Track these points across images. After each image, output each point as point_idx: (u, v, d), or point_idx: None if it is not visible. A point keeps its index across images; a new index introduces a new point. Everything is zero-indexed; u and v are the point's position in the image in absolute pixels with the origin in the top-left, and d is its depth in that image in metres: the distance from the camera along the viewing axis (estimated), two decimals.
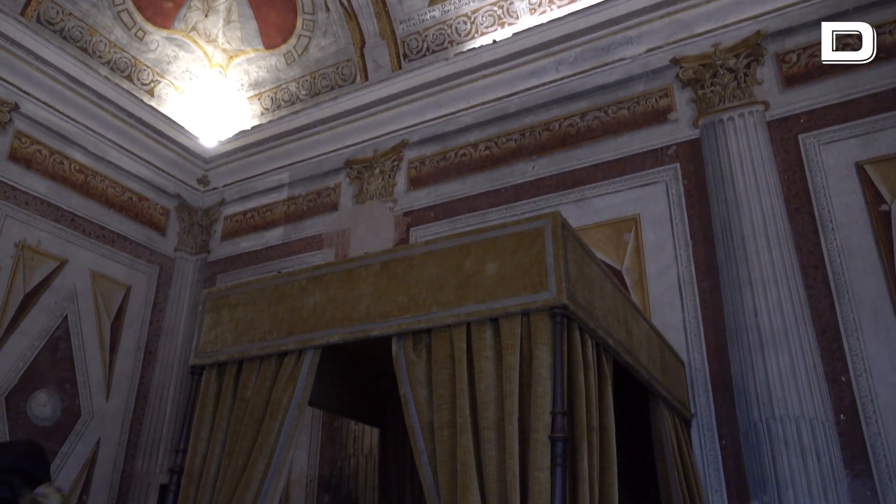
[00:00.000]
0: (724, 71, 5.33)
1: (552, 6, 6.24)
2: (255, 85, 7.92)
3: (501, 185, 6.07)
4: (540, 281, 2.41)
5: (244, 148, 7.72)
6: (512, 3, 6.45)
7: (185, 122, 7.68)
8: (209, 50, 7.80)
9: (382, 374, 4.09)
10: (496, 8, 6.53)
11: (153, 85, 7.53)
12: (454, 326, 2.53)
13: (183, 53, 7.65)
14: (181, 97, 7.74)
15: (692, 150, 5.36)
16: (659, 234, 5.23)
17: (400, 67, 6.94)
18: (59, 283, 6.44)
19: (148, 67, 7.47)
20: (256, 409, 2.87)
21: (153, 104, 7.42)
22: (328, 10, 7.28)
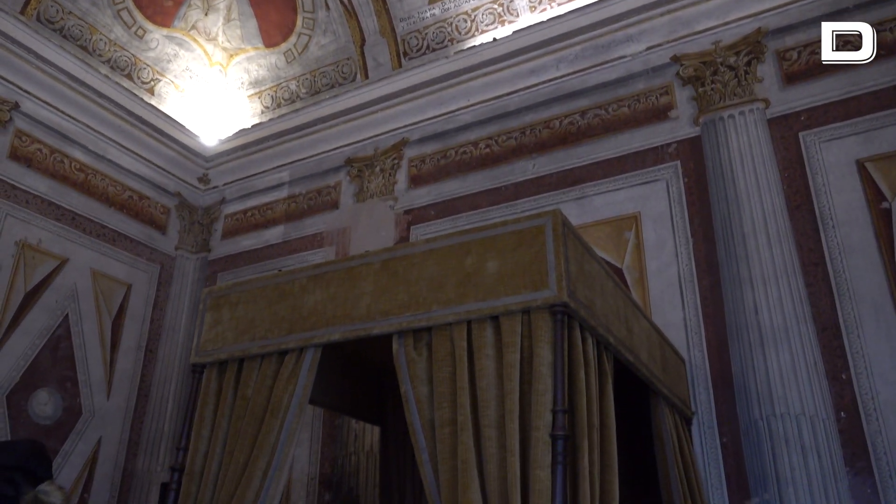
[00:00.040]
0: (724, 68, 5.32)
1: (552, 4, 6.24)
2: (255, 83, 7.92)
3: (502, 183, 6.07)
4: (540, 279, 2.41)
5: (244, 146, 7.72)
6: (512, 0, 6.44)
7: (185, 120, 7.68)
8: (209, 48, 7.79)
9: (383, 372, 4.09)
10: (496, 6, 6.52)
11: (153, 83, 7.53)
12: (455, 324, 2.52)
13: (183, 52, 7.65)
14: (181, 96, 7.74)
15: (693, 147, 5.35)
16: (659, 231, 5.23)
17: (400, 65, 6.94)
18: (59, 281, 6.44)
19: (148, 66, 7.46)
20: (257, 407, 2.87)
21: (153, 103, 7.42)
22: (328, 8, 7.28)
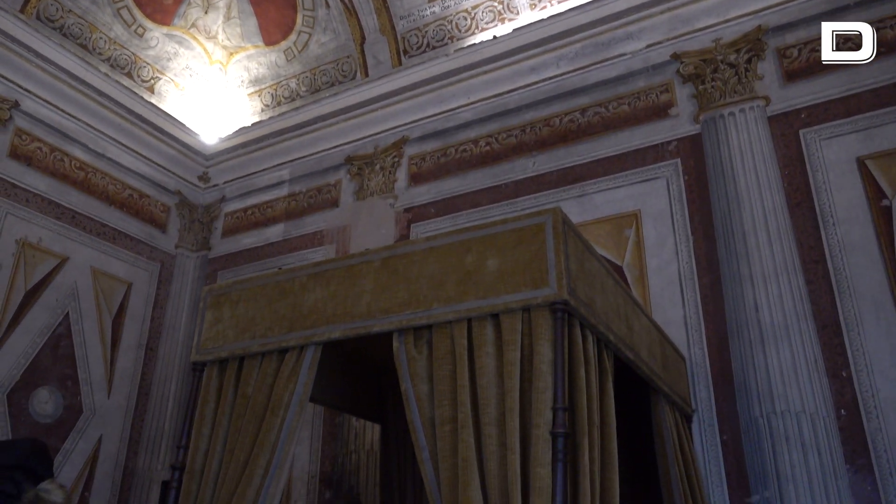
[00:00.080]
0: (724, 66, 5.32)
1: (552, 1, 6.23)
2: (255, 81, 7.91)
3: (502, 181, 6.06)
4: (541, 277, 2.41)
5: (244, 145, 7.72)
6: None
7: (185, 118, 7.68)
8: (209, 46, 7.79)
9: (383, 370, 4.10)
10: (496, 3, 6.52)
11: (153, 82, 7.53)
12: (455, 322, 2.53)
13: (183, 50, 7.64)
14: (181, 94, 7.74)
15: (693, 145, 5.35)
16: (660, 229, 5.23)
17: (400, 63, 6.93)
18: (60, 280, 6.44)
19: (148, 64, 7.46)
20: (258, 405, 2.87)
21: (153, 101, 7.42)
22: (328, 6, 7.27)
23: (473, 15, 6.64)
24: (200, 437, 2.99)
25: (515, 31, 6.21)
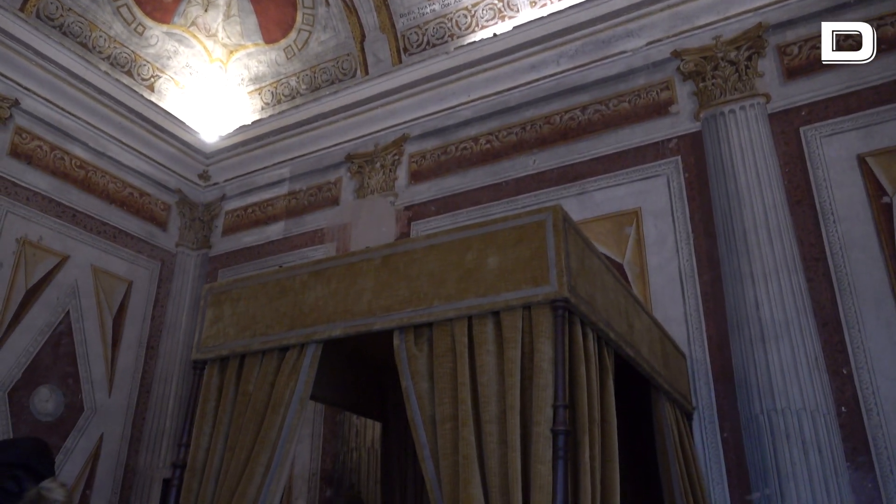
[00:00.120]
0: (725, 63, 5.31)
1: None
2: (255, 80, 7.91)
3: (502, 178, 6.06)
4: (541, 274, 2.41)
5: (245, 143, 7.72)
6: None
7: (185, 117, 7.68)
8: (209, 45, 7.78)
9: (384, 367, 4.10)
10: (496, 1, 6.51)
11: (153, 80, 7.52)
12: (455, 320, 2.53)
13: (183, 48, 7.64)
14: (181, 92, 7.74)
15: (693, 142, 5.35)
16: (660, 227, 5.23)
17: (400, 61, 6.93)
18: (60, 278, 6.45)
19: (148, 62, 7.46)
20: (258, 403, 2.88)
21: (153, 99, 7.42)
22: (328, 4, 7.27)
23: (473, 13, 6.63)
24: (201, 435, 2.99)
25: (515, 28, 6.21)
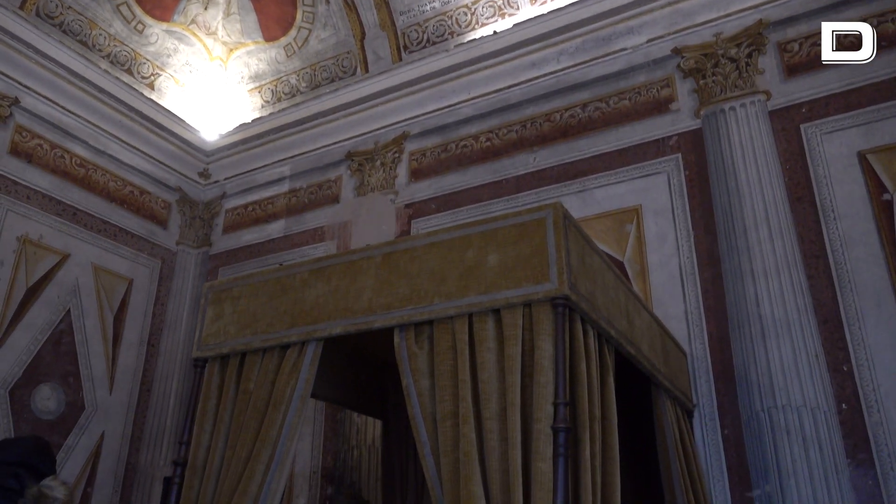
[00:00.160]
0: (725, 60, 5.31)
1: None
2: (255, 77, 7.90)
3: (503, 176, 6.06)
4: (542, 272, 2.41)
5: (245, 141, 7.72)
6: None
7: (185, 115, 7.68)
8: (209, 43, 7.78)
9: (385, 365, 4.10)
10: None
11: (153, 78, 7.52)
12: (456, 318, 2.53)
13: (183, 46, 7.63)
14: (181, 90, 7.73)
15: (694, 140, 5.34)
16: (660, 224, 5.23)
17: (400, 59, 6.92)
18: (61, 276, 6.45)
19: (148, 61, 7.45)
20: (259, 401, 2.88)
21: (153, 97, 7.41)
22: (328, 2, 7.26)
23: (473, 10, 6.62)
24: (202, 433, 2.99)
25: (516, 26, 6.20)
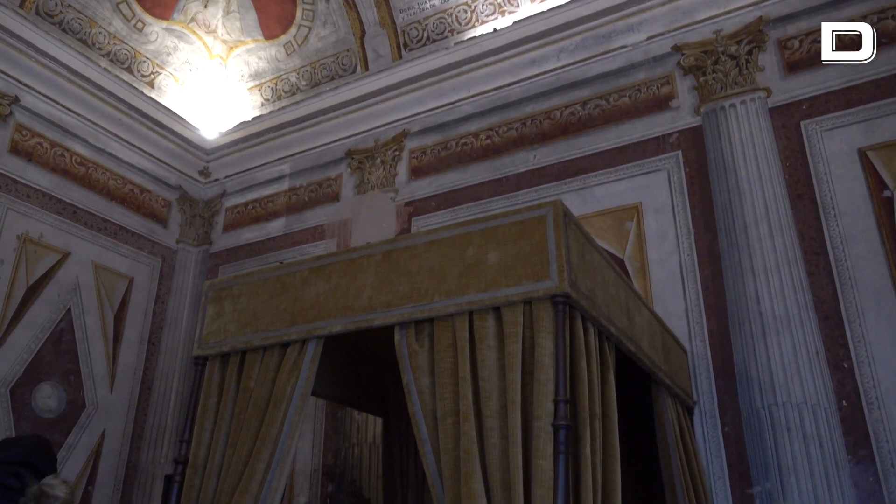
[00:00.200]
0: (725, 58, 5.30)
1: None
2: (255, 76, 7.90)
3: (503, 174, 6.06)
4: (542, 269, 2.41)
5: (245, 139, 7.71)
6: None
7: (185, 113, 7.67)
8: (209, 41, 7.77)
9: (385, 363, 4.10)
10: None
11: (153, 76, 7.52)
12: (456, 315, 2.53)
13: (182, 44, 7.63)
14: (181, 88, 7.73)
15: (694, 137, 5.34)
16: (661, 222, 5.23)
17: (400, 57, 6.91)
18: (61, 275, 6.45)
19: (148, 59, 7.45)
20: (260, 399, 2.88)
21: (153, 96, 7.41)
22: (328, 0, 7.26)
23: (473, 7, 6.62)
24: (203, 431, 3.00)
25: (516, 23, 6.19)
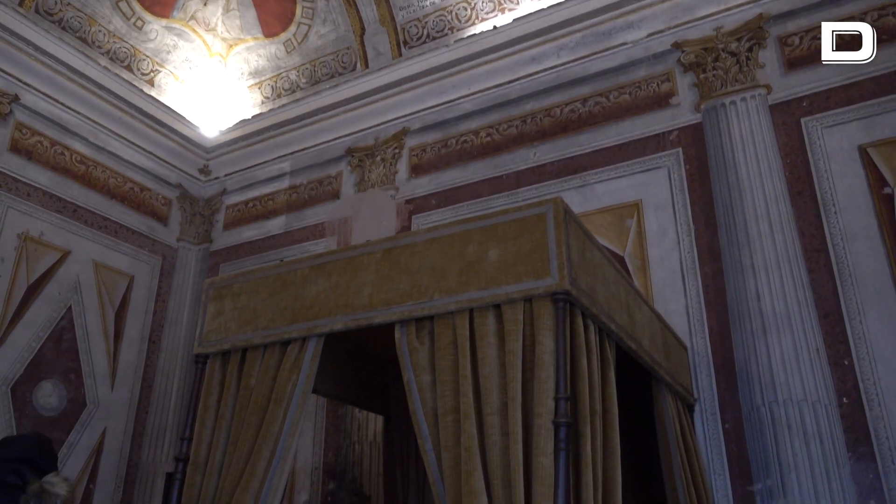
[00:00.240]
0: (725, 55, 5.30)
1: None
2: (255, 73, 7.89)
3: (503, 171, 6.06)
4: (542, 267, 2.41)
5: (245, 137, 7.71)
6: None
7: (185, 111, 7.67)
8: (208, 39, 7.76)
9: (386, 361, 4.10)
10: None
11: (153, 75, 7.51)
12: (457, 313, 2.53)
13: (182, 42, 7.62)
14: (181, 86, 7.72)
15: (694, 134, 5.34)
16: (661, 219, 5.23)
17: (400, 55, 6.91)
18: (62, 273, 6.45)
19: (147, 57, 7.44)
20: (261, 397, 2.88)
21: (153, 94, 7.40)
22: None
23: (473, 5, 6.61)
24: (204, 429, 3.00)
25: (516, 20, 6.18)
